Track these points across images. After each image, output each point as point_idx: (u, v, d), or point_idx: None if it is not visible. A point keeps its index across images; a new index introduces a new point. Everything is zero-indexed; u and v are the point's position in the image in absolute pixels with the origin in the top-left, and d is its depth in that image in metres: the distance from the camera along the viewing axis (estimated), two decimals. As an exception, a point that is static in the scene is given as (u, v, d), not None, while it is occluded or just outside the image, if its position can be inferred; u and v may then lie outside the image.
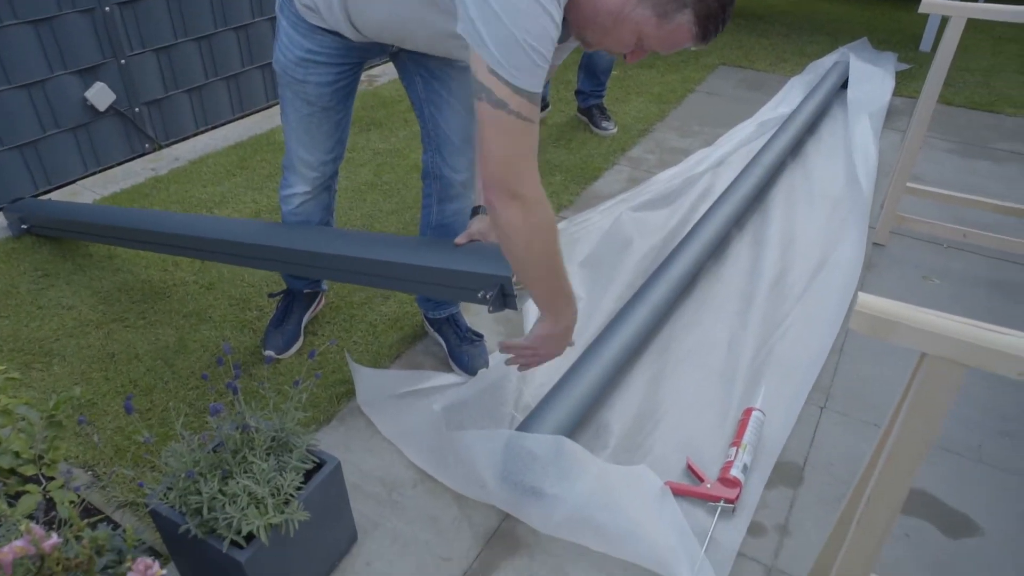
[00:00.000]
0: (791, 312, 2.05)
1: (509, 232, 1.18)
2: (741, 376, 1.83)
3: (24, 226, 2.33)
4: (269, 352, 1.86)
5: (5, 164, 2.49)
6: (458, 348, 1.85)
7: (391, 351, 1.93)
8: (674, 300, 2.02)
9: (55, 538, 0.94)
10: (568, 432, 1.56)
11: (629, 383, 1.83)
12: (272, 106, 3.38)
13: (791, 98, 3.44)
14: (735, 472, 1.53)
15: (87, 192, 2.67)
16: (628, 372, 1.86)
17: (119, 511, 1.47)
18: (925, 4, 2.00)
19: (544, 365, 1.83)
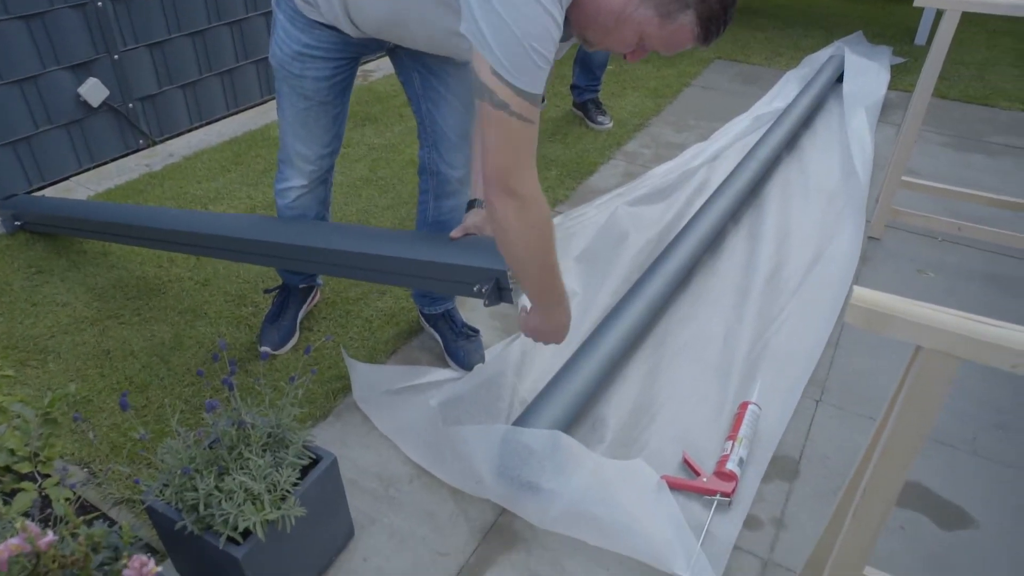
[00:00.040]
0: (787, 306, 2.06)
1: (506, 229, 1.19)
2: (737, 370, 1.83)
3: (17, 223, 2.32)
4: (265, 348, 1.85)
5: (-2, 161, 2.48)
6: (454, 343, 1.85)
7: (387, 347, 1.92)
8: (670, 294, 2.02)
9: (51, 535, 0.94)
10: (564, 427, 1.56)
11: (625, 377, 1.83)
12: (267, 101, 3.37)
13: (786, 92, 3.44)
14: (731, 466, 1.53)
15: (81, 188, 2.66)
16: (624, 366, 1.86)
17: (115, 508, 1.47)
18: (920, -3, 2.00)
19: (540, 360, 1.85)
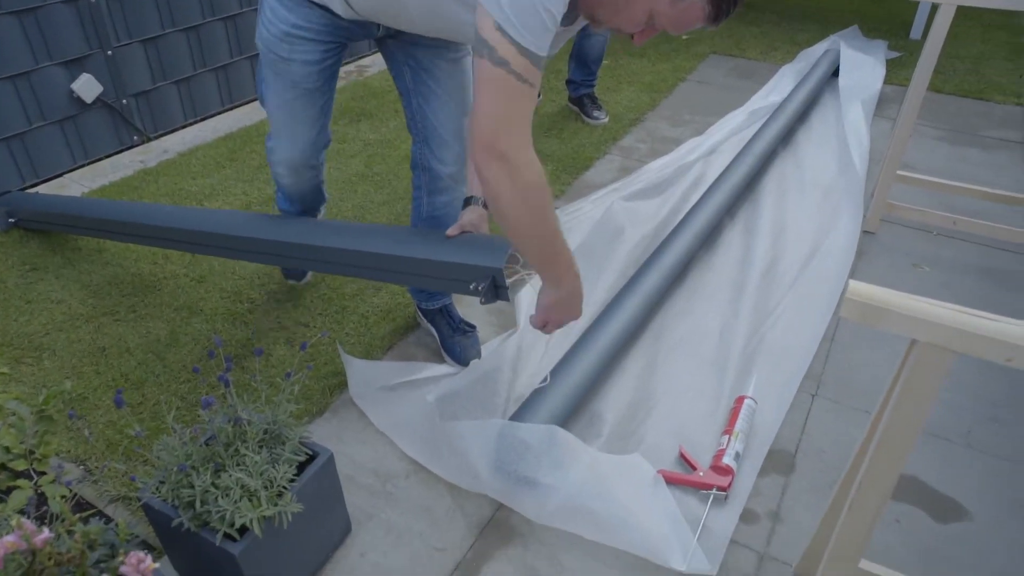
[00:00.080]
0: (782, 300, 2.06)
1: (498, 196, 1.13)
2: (733, 364, 1.84)
3: (11, 220, 2.31)
4: (292, 280, 2.02)
5: (-9, 157, 2.47)
6: (451, 339, 1.85)
7: (383, 342, 1.92)
8: (666, 289, 2.02)
9: (46, 533, 0.94)
10: (561, 421, 1.57)
11: (622, 372, 1.83)
12: (261, 97, 3.35)
13: (782, 86, 3.43)
14: (727, 460, 1.54)
15: (75, 185, 2.64)
16: (620, 361, 1.86)
17: (111, 505, 1.47)
18: (915, -9, 2.00)
19: (536, 355, 1.85)
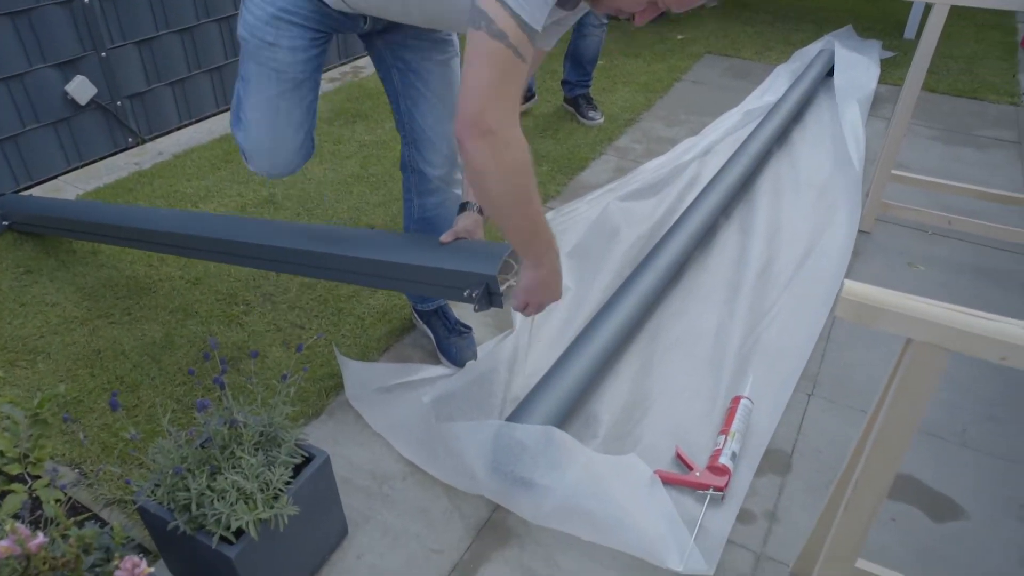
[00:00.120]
0: (778, 300, 2.06)
1: (482, 173, 1.10)
2: (729, 364, 1.84)
3: (5, 223, 2.30)
4: None
5: (-15, 160, 2.46)
6: (446, 340, 1.85)
7: (379, 344, 1.92)
8: (662, 289, 2.02)
9: (41, 537, 0.94)
10: (557, 422, 1.56)
11: (618, 373, 1.83)
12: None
13: (777, 86, 3.44)
14: (724, 460, 1.54)
15: (69, 187, 2.63)
16: (616, 362, 1.86)
17: (107, 509, 1.46)
18: (909, -9, 2.01)
19: (533, 356, 1.85)
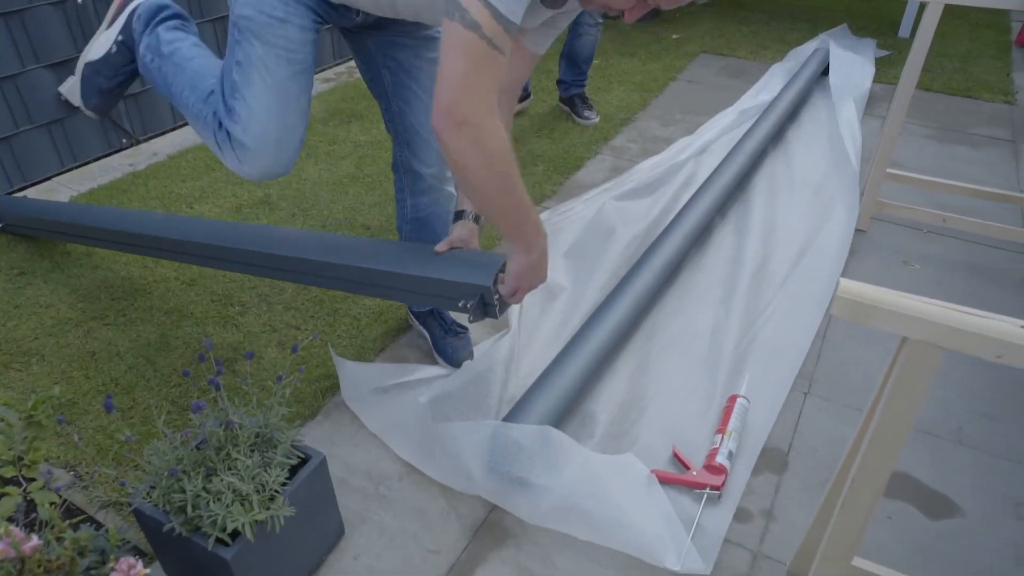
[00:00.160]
0: (774, 299, 2.06)
1: (463, 166, 1.09)
2: (725, 363, 1.84)
3: (-1, 224, 2.30)
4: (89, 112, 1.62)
5: (-22, 161, 2.45)
6: (442, 340, 1.85)
7: (375, 344, 1.92)
8: (658, 289, 2.02)
9: (35, 540, 0.93)
10: (554, 422, 1.56)
11: (614, 372, 1.83)
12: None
13: (772, 85, 3.45)
14: (720, 459, 1.54)
15: (64, 188, 2.62)
16: (613, 361, 1.86)
17: (102, 511, 1.46)
18: (903, -10, 2.01)
19: (529, 356, 1.85)
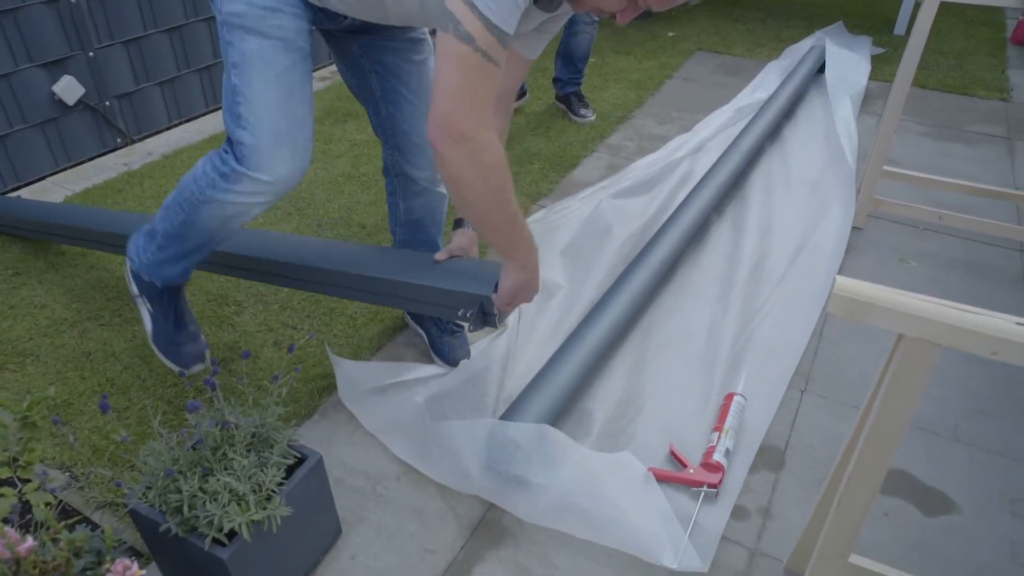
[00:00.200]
0: (771, 297, 2.06)
1: (459, 179, 1.09)
2: (722, 361, 1.84)
3: (-7, 225, 2.29)
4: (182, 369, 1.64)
5: (-28, 161, 2.44)
6: (439, 339, 1.84)
7: (372, 344, 1.91)
8: (654, 287, 2.02)
9: (30, 541, 0.93)
10: (551, 420, 1.56)
11: (611, 370, 1.83)
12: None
13: (768, 83, 3.45)
14: (718, 457, 1.54)
15: (58, 188, 2.61)
16: (610, 359, 1.86)
17: (98, 512, 1.45)
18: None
19: (526, 355, 1.84)
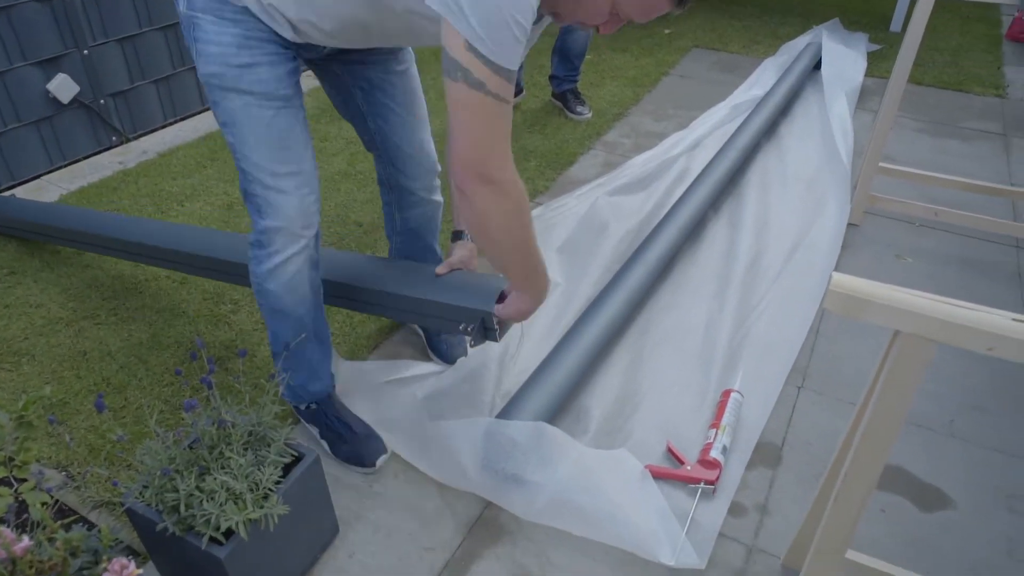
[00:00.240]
0: (767, 294, 2.07)
1: (487, 219, 1.14)
2: (719, 358, 1.84)
3: (-12, 224, 2.28)
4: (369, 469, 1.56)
5: (-34, 160, 2.43)
6: (436, 338, 1.84)
7: (369, 342, 1.91)
8: (651, 284, 2.02)
9: (26, 541, 0.93)
10: (548, 418, 1.56)
11: (608, 367, 1.83)
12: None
13: (764, 80, 3.45)
14: (715, 454, 1.54)
15: (53, 187, 2.61)
16: (607, 356, 1.86)
17: (94, 511, 1.45)
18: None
19: (523, 352, 1.84)
